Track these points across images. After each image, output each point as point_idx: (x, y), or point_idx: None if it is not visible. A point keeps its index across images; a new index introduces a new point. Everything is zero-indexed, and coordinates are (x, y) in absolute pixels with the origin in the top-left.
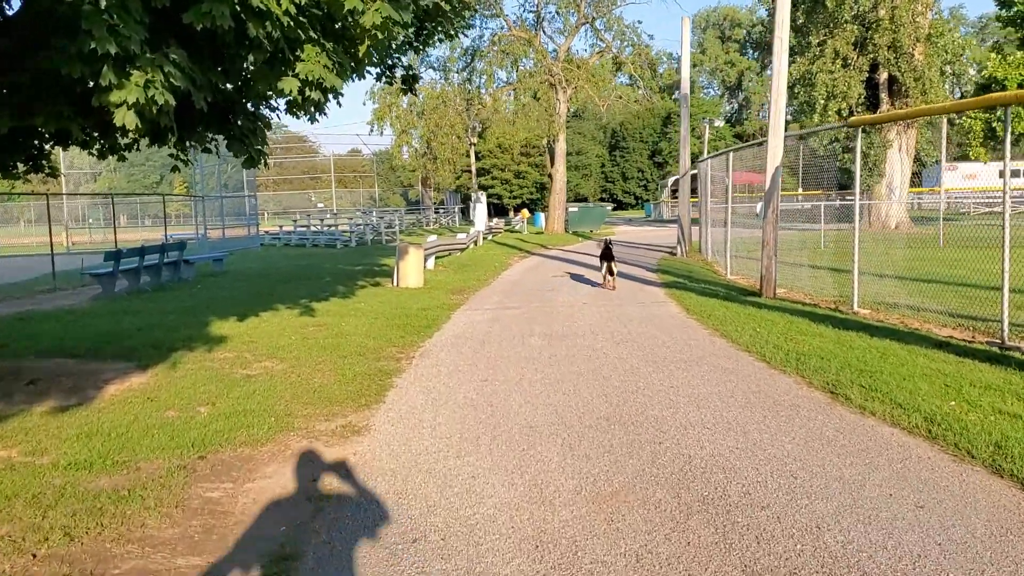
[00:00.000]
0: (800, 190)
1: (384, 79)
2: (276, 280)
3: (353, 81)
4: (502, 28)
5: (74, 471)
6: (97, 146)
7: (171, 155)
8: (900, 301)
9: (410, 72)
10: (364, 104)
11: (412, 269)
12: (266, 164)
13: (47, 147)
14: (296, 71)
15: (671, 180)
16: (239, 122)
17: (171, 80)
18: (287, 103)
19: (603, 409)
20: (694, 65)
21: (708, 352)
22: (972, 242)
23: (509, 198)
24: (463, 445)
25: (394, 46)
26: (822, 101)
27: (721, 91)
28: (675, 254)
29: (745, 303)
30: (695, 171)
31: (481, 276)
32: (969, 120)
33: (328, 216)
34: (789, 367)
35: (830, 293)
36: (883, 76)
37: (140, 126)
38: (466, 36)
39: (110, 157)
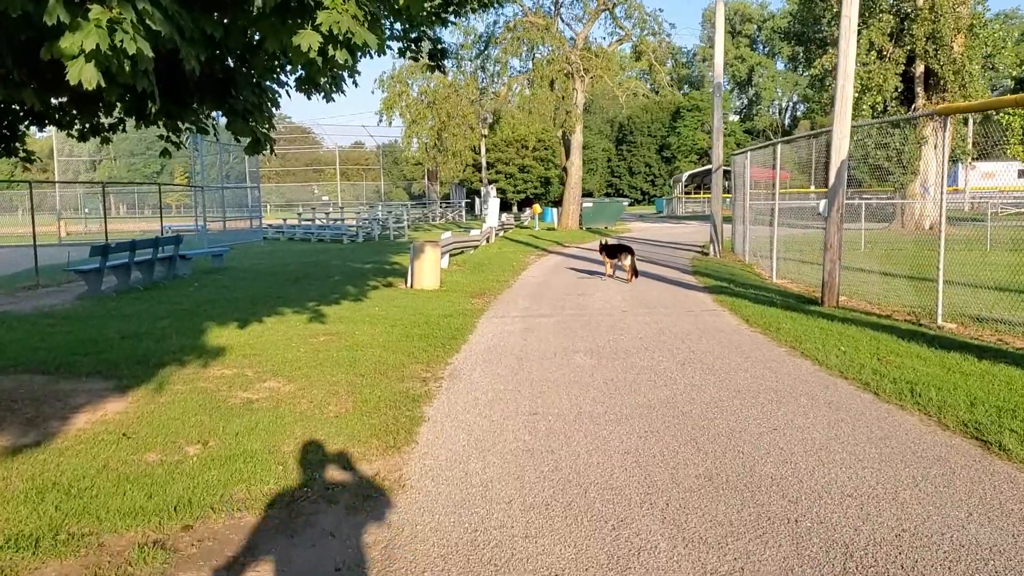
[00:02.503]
0: (812, 187)
1: (408, 54)
2: (281, 279)
3: (372, 57)
4: (517, 14)
5: (14, 551)
6: (77, 126)
7: (161, 136)
8: (985, 314)
9: (439, 47)
10: (372, 92)
11: (428, 269)
12: (272, 150)
13: (21, 128)
14: (317, 22)
15: (685, 175)
16: (242, 95)
17: (148, 22)
18: (298, 79)
19: (698, 462)
20: (703, 60)
21: (796, 378)
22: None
23: (513, 192)
24: (530, 516)
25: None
26: (855, 94)
27: (731, 86)
28: (707, 254)
29: (809, 313)
30: (727, 166)
31: (500, 277)
32: (1007, 117)
33: (334, 209)
34: (905, 400)
35: (898, 302)
36: (919, 69)
37: (104, 85)
38: (500, 4)
39: (107, 145)
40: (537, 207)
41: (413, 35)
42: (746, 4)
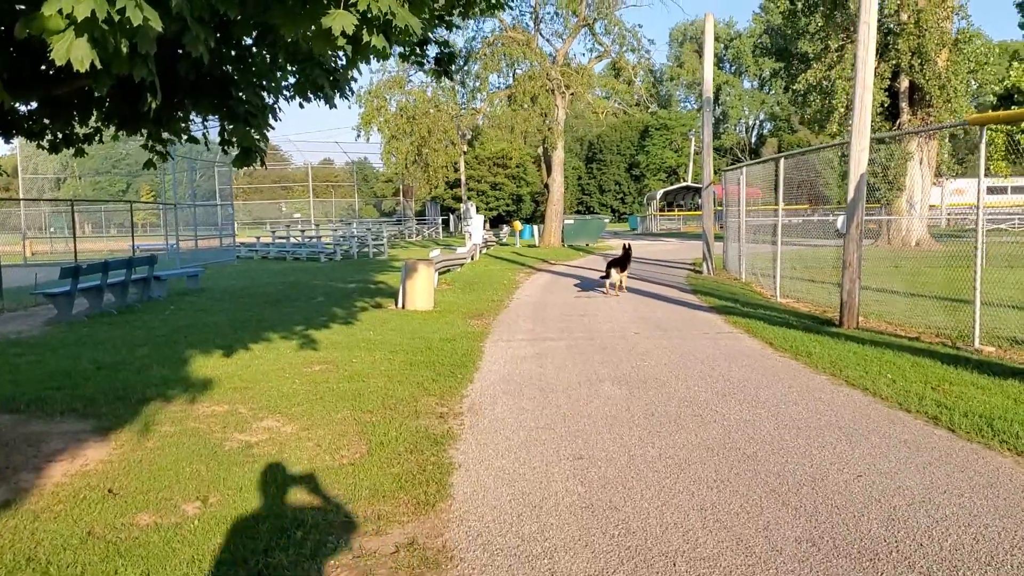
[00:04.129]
0: (782, 204)
1: (412, 59)
2: (262, 301)
3: (372, 61)
4: (495, 30)
5: None
6: (48, 136)
7: (144, 146)
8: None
9: (446, 51)
10: (349, 107)
11: (421, 289)
12: (263, 162)
13: None
14: (351, 1)
15: (660, 193)
16: (242, 95)
17: None
18: (297, 84)
19: (792, 522)
20: (671, 79)
21: (854, 412)
22: (1017, 261)
23: (485, 210)
24: None
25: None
26: (841, 109)
27: (698, 104)
28: (700, 272)
29: (834, 336)
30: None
31: (494, 296)
32: (990, 132)
33: (310, 227)
34: (987, 438)
35: (920, 322)
36: (903, 84)
37: (99, 66)
38: (508, 7)
39: (80, 157)
40: (517, 223)
41: (416, 38)
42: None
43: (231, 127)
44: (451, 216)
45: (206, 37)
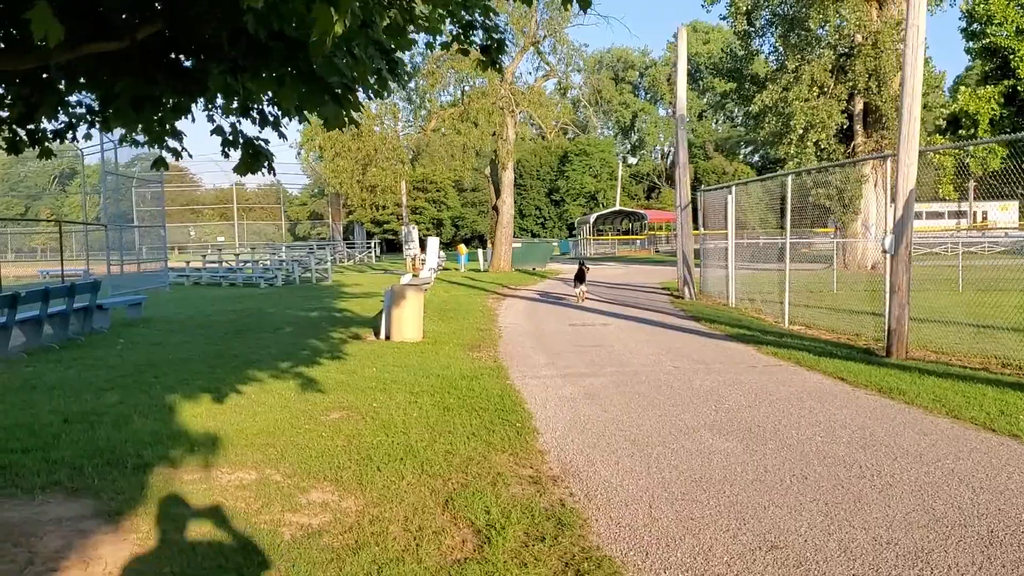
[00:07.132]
0: (703, 229)
1: (457, 45)
2: (222, 332)
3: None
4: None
5: None
6: (5, 133)
7: (155, 142)
8: None
9: (494, 36)
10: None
11: (410, 318)
12: (271, 168)
13: None
14: None
15: (593, 217)
16: (334, 62)
17: None
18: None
19: None
20: (586, 105)
21: None
22: (993, 284)
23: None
24: None
25: None
26: (799, 131)
27: (616, 131)
28: (681, 296)
29: (898, 367)
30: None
31: (478, 325)
32: (939, 157)
33: (242, 251)
34: None
35: (969, 350)
36: (858, 106)
37: None
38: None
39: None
40: (463, 247)
41: (466, 18)
42: (628, 51)
43: (318, 105)
44: (373, 240)
45: None
